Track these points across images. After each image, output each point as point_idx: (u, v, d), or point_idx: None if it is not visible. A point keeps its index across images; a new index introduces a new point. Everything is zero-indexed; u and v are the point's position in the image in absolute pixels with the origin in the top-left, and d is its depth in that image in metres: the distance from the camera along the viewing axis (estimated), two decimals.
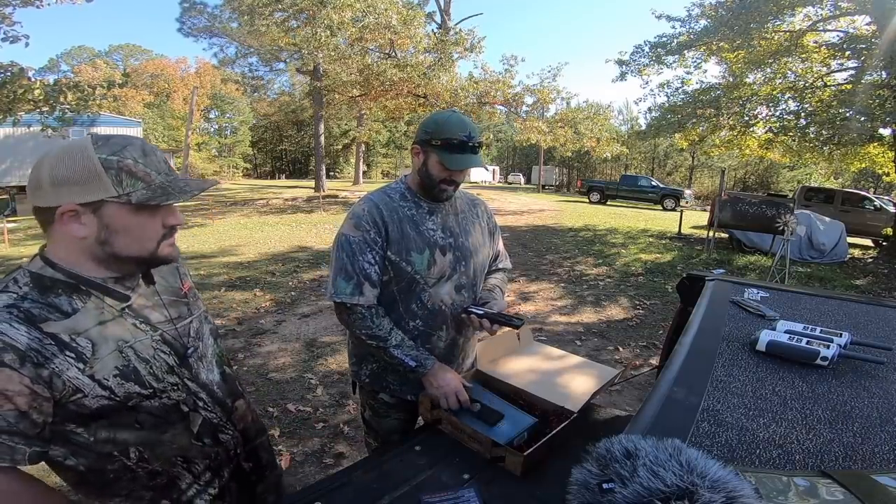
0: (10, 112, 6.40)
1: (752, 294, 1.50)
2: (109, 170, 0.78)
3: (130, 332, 0.87)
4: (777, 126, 10.38)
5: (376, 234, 1.29)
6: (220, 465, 1.01)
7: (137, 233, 0.83)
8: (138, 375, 0.86)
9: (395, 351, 1.29)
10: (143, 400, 0.86)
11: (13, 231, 10.48)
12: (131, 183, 0.80)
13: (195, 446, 0.95)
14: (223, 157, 39.94)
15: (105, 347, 0.82)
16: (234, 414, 1.05)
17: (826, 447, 0.75)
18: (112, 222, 0.80)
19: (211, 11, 21.21)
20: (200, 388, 0.97)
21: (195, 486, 0.97)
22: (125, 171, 0.79)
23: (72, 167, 0.77)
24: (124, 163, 0.79)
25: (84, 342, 0.80)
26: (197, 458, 0.96)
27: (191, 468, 0.96)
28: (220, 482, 1.02)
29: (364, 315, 1.29)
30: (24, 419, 0.75)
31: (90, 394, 0.80)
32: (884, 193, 23.84)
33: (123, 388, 0.83)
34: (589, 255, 8.47)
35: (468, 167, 1.30)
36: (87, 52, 43.70)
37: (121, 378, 0.83)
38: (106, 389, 0.81)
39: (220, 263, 7.23)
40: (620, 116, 44.88)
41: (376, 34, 13.35)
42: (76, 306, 0.81)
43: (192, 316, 1.00)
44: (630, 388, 3.38)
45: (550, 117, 16.24)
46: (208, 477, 0.99)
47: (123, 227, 0.81)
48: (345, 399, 3.17)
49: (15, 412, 0.74)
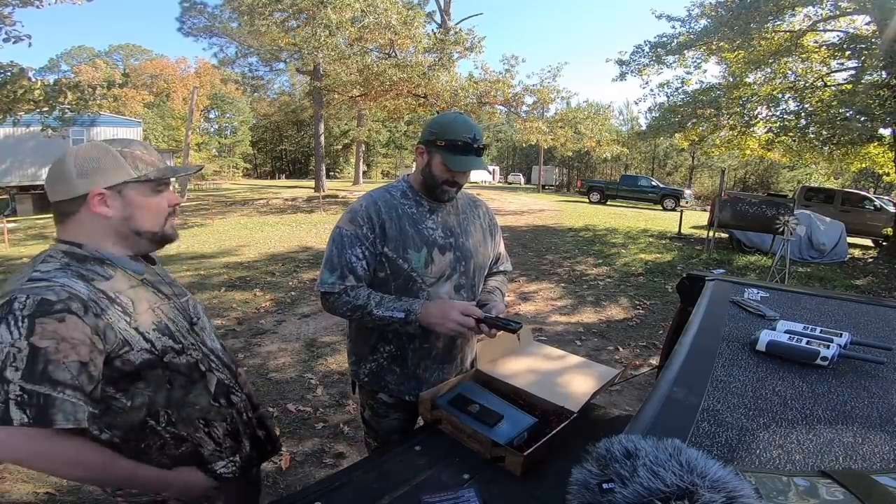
0: (11, 112, 6.40)
1: (752, 294, 1.50)
2: (127, 158, 0.94)
3: (154, 298, 1.00)
4: (777, 126, 10.38)
5: (369, 230, 1.30)
6: (238, 431, 1.10)
7: (153, 209, 0.98)
8: (170, 331, 0.98)
9: (379, 311, 1.27)
10: (175, 356, 0.98)
11: (13, 231, 10.48)
12: (144, 167, 0.96)
13: (213, 407, 1.05)
14: (223, 157, 39.92)
15: (141, 306, 0.95)
16: (239, 378, 1.16)
17: (826, 447, 0.75)
18: (133, 201, 0.95)
19: (211, 11, 21.24)
20: (210, 352, 1.09)
21: (217, 453, 1.06)
22: (137, 159, 0.95)
23: (97, 159, 0.92)
24: (135, 153, 0.96)
25: (125, 299, 0.92)
26: (216, 421, 1.05)
27: (212, 432, 1.05)
28: (241, 451, 1.11)
29: (340, 294, 1.30)
30: (84, 372, 0.82)
31: (136, 346, 0.91)
32: (884, 193, 23.85)
33: (161, 342, 0.95)
34: (589, 255, 8.47)
35: (471, 169, 1.30)
36: (87, 52, 43.71)
37: (158, 332, 0.95)
38: (148, 342, 0.93)
39: (220, 263, 7.23)
40: (621, 116, 44.91)
41: (376, 34, 13.34)
42: (109, 273, 0.93)
43: (186, 296, 1.12)
44: (630, 388, 3.38)
45: (550, 117, 16.25)
46: (229, 443, 1.08)
47: (142, 204, 0.96)
48: (345, 399, 3.17)
49: (77, 363, 0.81)
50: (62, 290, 0.82)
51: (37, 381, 0.76)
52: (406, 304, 1.28)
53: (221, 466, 1.06)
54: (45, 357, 0.77)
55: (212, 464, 1.04)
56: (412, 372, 1.42)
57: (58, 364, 0.78)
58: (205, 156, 34.34)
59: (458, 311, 1.24)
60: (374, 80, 13.74)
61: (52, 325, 0.78)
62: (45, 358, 0.77)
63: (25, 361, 0.76)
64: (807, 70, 10.23)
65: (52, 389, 0.77)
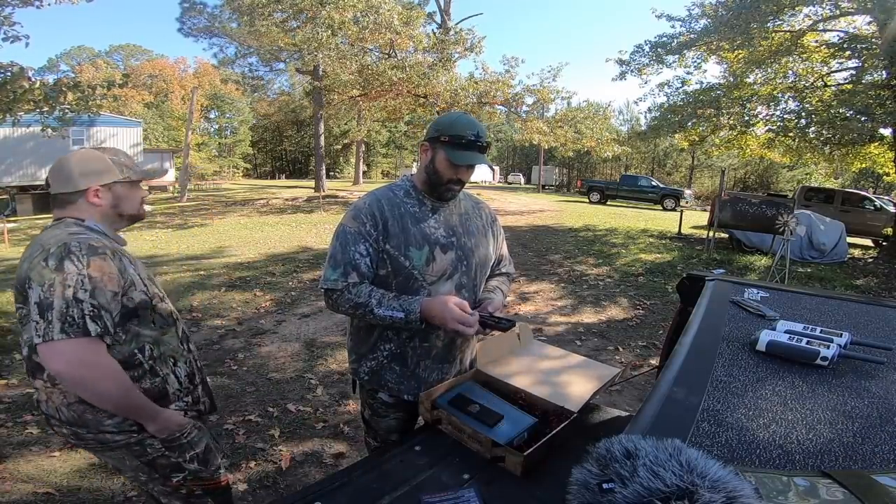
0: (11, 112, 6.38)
1: (752, 294, 1.50)
2: (116, 164, 1.28)
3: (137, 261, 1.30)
4: (777, 126, 10.37)
5: (372, 227, 1.31)
6: (193, 374, 1.36)
7: (133, 199, 1.32)
8: (154, 283, 1.32)
9: (380, 310, 1.27)
10: (159, 302, 1.28)
11: (13, 231, 10.48)
12: (126, 170, 1.29)
13: (181, 349, 1.33)
14: (223, 157, 39.93)
15: (135, 263, 1.27)
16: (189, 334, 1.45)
17: (826, 447, 0.75)
18: (119, 194, 1.28)
19: (211, 11, 21.23)
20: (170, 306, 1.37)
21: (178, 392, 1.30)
22: (123, 165, 1.29)
23: (96, 164, 1.24)
24: (120, 159, 1.30)
25: (126, 254, 1.24)
26: (180, 362, 1.31)
27: (176, 371, 1.29)
28: (194, 393, 1.35)
29: (342, 291, 1.30)
30: (115, 300, 1.13)
31: (137, 287, 1.21)
32: (884, 193, 23.85)
33: (150, 290, 1.26)
34: (589, 255, 8.46)
35: (473, 162, 1.32)
36: (87, 53, 43.71)
37: (149, 281, 1.28)
38: (144, 286, 1.24)
39: (220, 263, 7.23)
40: (621, 116, 44.91)
41: (376, 34, 13.33)
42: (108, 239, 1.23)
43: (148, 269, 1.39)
44: (630, 388, 3.38)
45: (551, 117, 16.24)
46: (187, 384, 1.33)
47: (125, 196, 1.29)
48: (345, 399, 3.17)
49: (112, 292, 1.12)
50: (97, 239, 1.15)
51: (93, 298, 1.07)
52: (406, 303, 1.28)
53: (182, 406, 1.29)
54: (95, 283, 1.09)
55: (174, 402, 1.27)
56: (412, 371, 1.42)
57: (102, 290, 1.10)
58: (205, 156, 34.34)
59: (457, 309, 1.24)
60: (374, 80, 13.74)
61: (99, 262, 1.11)
62: (95, 284, 1.08)
63: (89, 285, 1.07)
64: (807, 70, 10.23)
65: (98, 309, 1.08)
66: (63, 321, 1.03)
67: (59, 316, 1.03)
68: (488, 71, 14.49)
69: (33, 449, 2.53)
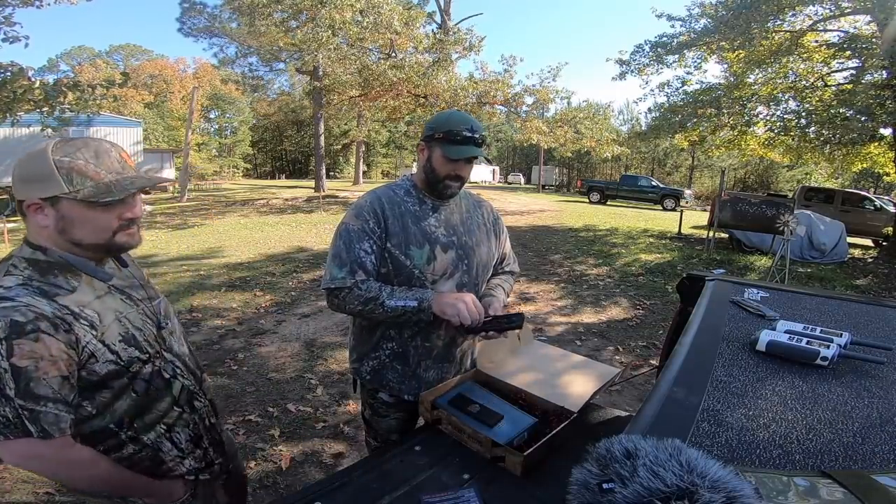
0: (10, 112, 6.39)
1: (752, 294, 1.50)
2: (61, 169, 0.86)
3: (122, 305, 0.97)
4: (778, 126, 10.37)
5: (375, 224, 1.31)
6: (200, 436, 1.11)
7: (91, 224, 0.91)
8: (137, 341, 0.97)
9: (391, 301, 1.27)
10: (142, 366, 0.97)
11: (13, 231, 10.48)
12: (81, 181, 0.87)
13: (175, 412, 1.05)
14: (223, 157, 39.94)
15: (108, 317, 0.93)
16: (203, 384, 1.16)
17: (826, 447, 0.75)
18: (68, 214, 0.88)
19: (211, 12, 21.22)
20: (175, 358, 1.08)
21: (179, 458, 1.06)
22: (76, 171, 0.87)
23: (32, 167, 0.86)
24: (75, 163, 0.87)
25: (91, 312, 0.90)
26: (178, 426, 1.06)
27: (173, 437, 1.05)
28: (205, 456, 1.12)
29: (351, 288, 1.29)
30: (66, 384, 0.85)
31: (101, 358, 0.90)
32: (884, 193, 23.85)
33: (127, 353, 0.94)
34: (589, 255, 8.46)
35: (469, 155, 1.31)
36: (87, 52, 43.72)
37: (124, 343, 0.94)
38: (114, 354, 0.92)
39: (220, 264, 7.23)
40: (621, 116, 44.91)
41: (376, 35, 13.32)
42: (73, 284, 0.91)
43: (159, 298, 1.11)
44: (630, 388, 3.38)
45: (550, 117, 16.23)
46: (191, 448, 1.09)
47: (78, 219, 0.89)
48: (345, 399, 3.17)
49: (58, 378, 0.84)
50: (27, 310, 0.82)
51: (23, 398, 0.81)
52: (417, 293, 1.28)
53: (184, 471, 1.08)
54: (27, 376, 0.81)
55: (173, 468, 1.06)
56: (412, 371, 1.42)
57: (38, 381, 0.81)
58: (205, 156, 34.36)
59: (469, 302, 1.25)
60: (374, 80, 13.74)
61: (29, 346, 0.81)
62: (27, 376, 0.81)
63: (13, 381, 0.80)
64: (808, 70, 10.23)
65: (35, 404, 0.82)
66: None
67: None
68: (487, 71, 14.50)
69: None
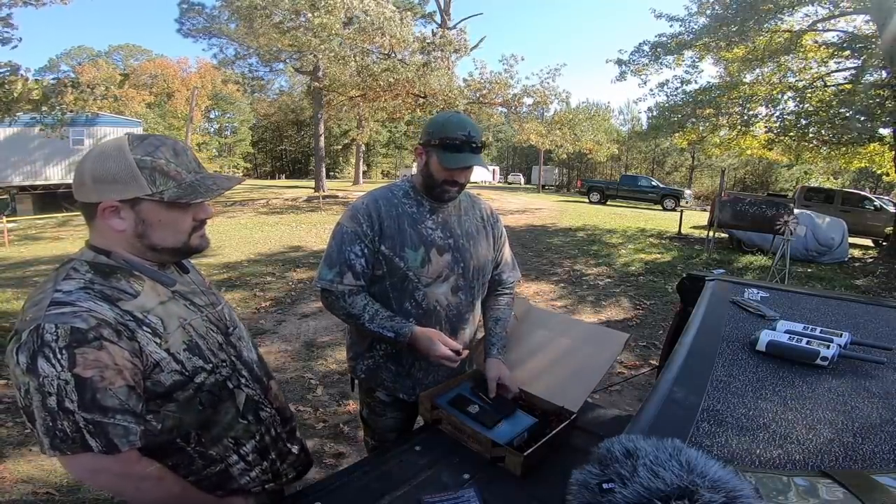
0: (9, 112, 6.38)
1: (752, 294, 1.50)
2: (144, 169, 0.83)
3: (185, 312, 0.92)
4: (777, 126, 10.37)
5: (368, 228, 1.31)
6: (266, 448, 1.04)
7: (171, 227, 0.88)
8: (201, 350, 0.92)
9: (371, 325, 1.29)
10: (207, 376, 0.91)
11: (13, 231, 10.48)
12: (164, 182, 0.84)
13: (241, 424, 0.99)
14: (223, 156, 39.93)
15: (172, 324, 0.88)
16: (270, 392, 1.09)
17: (826, 447, 0.75)
18: (148, 217, 0.86)
19: (209, 12, 21.19)
20: (243, 366, 1.02)
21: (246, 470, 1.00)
22: (158, 171, 0.84)
23: (111, 166, 0.82)
24: (157, 163, 0.84)
25: (155, 319, 0.85)
26: (243, 439, 0.99)
27: (240, 450, 0.99)
28: (272, 467, 1.05)
29: (338, 297, 1.32)
30: (133, 394, 0.80)
31: (166, 368, 0.85)
32: (884, 193, 23.86)
33: (191, 363, 0.89)
34: (589, 255, 8.46)
35: (465, 165, 1.29)
36: (87, 52, 43.65)
37: (189, 352, 0.89)
38: (179, 363, 0.87)
39: (220, 263, 7.23)
40: (621, 116, 44.88)
41: (370, 36, 13.28)
42: (137, 289, 0.86)
43: (222, 304, 1.06)
44: (630, 388, 3.38)
45: (549, 118, 16.22)
46: (257, 460, 1.02)
47: (158, 221, 0.87)
48: (345, 399, 3.17)
49: (125, 388, 0.79)
50: (89, 316, 0.77)
51: (89, 410, 0.76)
52: (397, 325, 1.29)
53: (249, 482, 1.02)
54: (93, 387, 0.76)
55: (240, 481, 1.00)
56: (406, 371, 1.42)
57: (105, 392, 0.77)
58: (205, 155, 34.35)
59: (443, 347, 1.25)
60: (373, 81, 13.72)
61: (93, 355, 0.76)
62: (93, 388, 0.76)
63: (76, 393, 0.75)
64: (807, 69, 10.22)
65: (103, 416, 0.77)
66: (51, 436, 0.75)
67: (44, 431, 0.75)
68: (486, 71, 14.48)
69: (33, 449, 2.53)
